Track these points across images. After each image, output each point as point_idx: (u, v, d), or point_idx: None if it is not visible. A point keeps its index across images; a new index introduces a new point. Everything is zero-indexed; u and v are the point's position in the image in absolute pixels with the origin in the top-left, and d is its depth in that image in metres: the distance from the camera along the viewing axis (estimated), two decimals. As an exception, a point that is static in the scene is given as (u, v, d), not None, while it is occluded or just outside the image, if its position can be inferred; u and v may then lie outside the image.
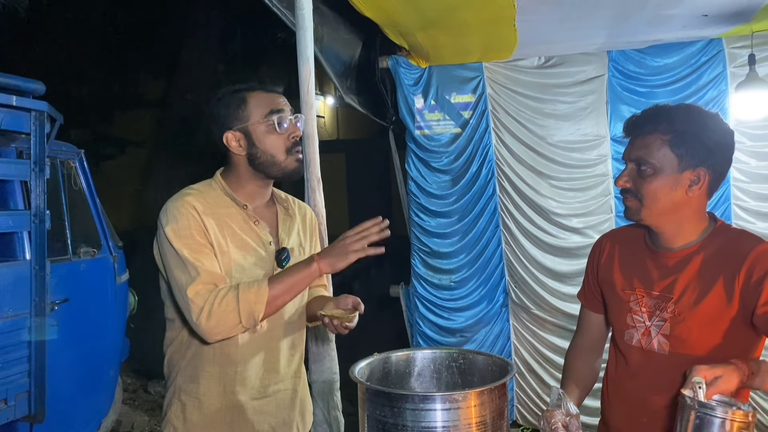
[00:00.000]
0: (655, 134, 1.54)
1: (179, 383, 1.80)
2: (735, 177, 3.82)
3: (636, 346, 1.62)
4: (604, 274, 1.73)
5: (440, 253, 4.20)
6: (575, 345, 1.84)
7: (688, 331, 1.54)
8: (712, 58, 3.80)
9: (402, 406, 1.37)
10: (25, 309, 3.13)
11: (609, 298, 1.72)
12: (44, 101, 3.22)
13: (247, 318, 1.63)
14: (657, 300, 1.58)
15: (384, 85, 4.22)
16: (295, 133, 1.79)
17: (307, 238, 1.96)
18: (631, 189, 1.57)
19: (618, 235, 1.79)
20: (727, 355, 1.48)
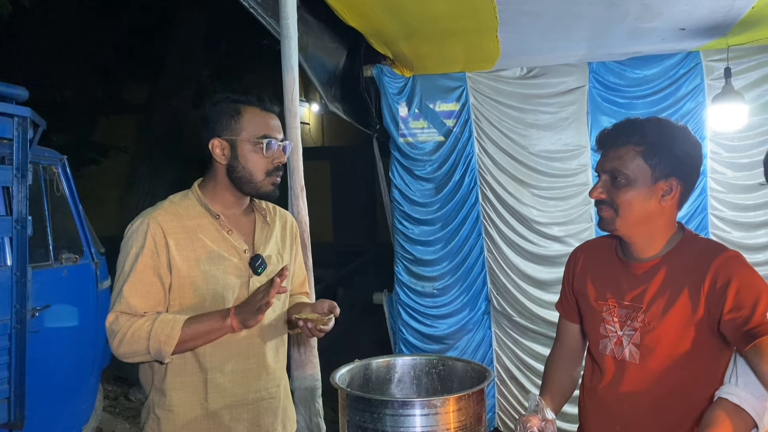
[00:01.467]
0: (628, 146, 1.57)
1: (152, 398, 1.82)
2: (712, 187, 3.89)
3: (609, 355, 1.64)
4: (578, 285, 1.76)
5: (423, 261, 4.23)
6: (554, 354, 1.87)
7: (657, 340, 1.56)
8: (690, 71, 3.88)
9: (382, 412, 1.40)
10: (6, 315, 3.11)
11: (584, 309, 1.75)
12: (27, 107, 3.21)
13: (155, 353, 1.69)
14: (628, 310, 1.61)
15: (368, 94, 4.25)
16: (280, 158, 1.81)
17: (286, 247, 1.97)
18: (606, 200, 1.60)
19: (591, 246, 1.82)
20: (697, 364, 1.54)
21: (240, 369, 1.81)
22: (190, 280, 1.76)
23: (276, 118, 1.85)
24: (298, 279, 2.08)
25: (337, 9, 3.09)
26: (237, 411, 1.81)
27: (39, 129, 3.38)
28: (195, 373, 1.77)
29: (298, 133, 2.62)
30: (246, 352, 1.82)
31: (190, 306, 1.76)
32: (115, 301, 1.74)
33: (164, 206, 1.82)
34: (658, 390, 1.58)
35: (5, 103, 3.08)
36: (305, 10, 3.09)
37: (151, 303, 1.74)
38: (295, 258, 2.02)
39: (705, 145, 3.87)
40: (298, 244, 2.05)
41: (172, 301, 1.77)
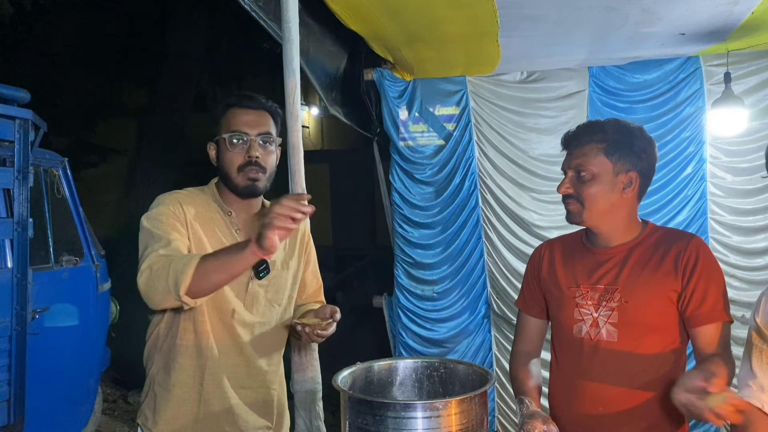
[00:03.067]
0: (591, 144, 1.74)
1: (153, 374, 1.87)
2: (711, 192, 3.90)
3: (585, 338, 1.75)
4: (547, 276, 1.87)
5: (423, 264, 4.23)
6: (520, 352, 1.94)
7: (634, 317, 1.69)
8: (689, 76, 3.89)
9: (384, 414, 1.40)
10: (6, 317, 3.11)
11: (554, 298, 1.84)
12: (28, 109, 3.22)
13: (173, 285, 1.59)
14: (602, 293, 1.73)
15: (369, 98, 4.26)
16: (250, 153, 1.81)
17: (294, 255, 1.98)
18: (573, 194, 1.75)
19: (555, 242, 1.96)
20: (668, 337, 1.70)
21: (234, 364, 1.85)
22: None
23: (253, 113, 1.84)
24: (311, 288, 2.08)
25: (339, 13, 3.10)
26: (228, 403, 1.85)
27: (40, 131, 3.39)
28: (197, 356, 1.82)
29: (300, 136, 2.61)
30: (241, 350, 1.86)
31: None
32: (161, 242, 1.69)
33: (182, 192, 1.87)
34: (634, 366, 1.70)
35: (7, 106, 3.09)
36: (307, 14, 3.10)
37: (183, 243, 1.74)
38: (306, 267, 2.03)
39: (704, 149, 3.89)
40: (310, 252, 2.06)
41: None
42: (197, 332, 1.81)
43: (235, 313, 1.84)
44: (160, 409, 1.83)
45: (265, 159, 1.84)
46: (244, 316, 1.85)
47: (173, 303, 1.64)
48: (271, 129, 1.87)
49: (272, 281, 1.89)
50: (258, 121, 1.84)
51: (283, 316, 1.94)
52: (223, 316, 1.83)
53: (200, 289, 1.61)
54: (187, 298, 1.61)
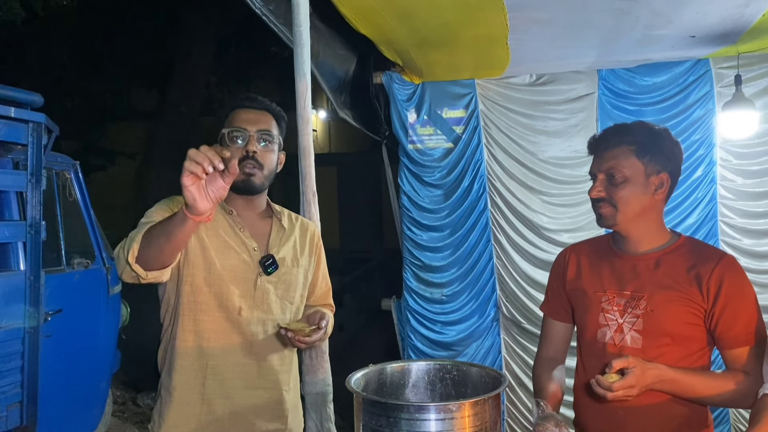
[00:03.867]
0: (622, 146, 1.72)
1: (162, 378, 1.88)
2: (722, 194, 3.89)
3: (609, 343, 1.73)
4: (573, 281, 1.85)
5: (432, 267, 4.24)
6: (544, 356, 1.93)
7: (659, 325, 1.68)
8: (699, 78, 3.88)
9: (398, 416, 1.40)
10: (19, 319, 3.14)
11: (580, 302, 1.82)
12: (42, 113, 3.25)
13: (127, 253, 1.59)
14: (629, 299, 1.72)
15: (378, 101, 4.27)
16: (248, 148, 1.82)
17: (305, 254, 1.99)
18: (605, 197, 1.72)
19: (581, 246, 1.93)
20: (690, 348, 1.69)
21: (240, 363, 1.84)
22: (200, 264, 1.80)
23: (254, 112, 1.87)
24: (320, 290, 2.08)
25: (349, 17, 3.11)
26: (233, 405, 1.83)
27: (53, 135, 3.42)
28: (197, 357, 1.81)
29: (310, 139, 2.63)
30: (249, 348, 1.85)
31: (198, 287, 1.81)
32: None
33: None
34: None
35: (21, 109, 3.12)
36: (317, 18, 3.12)
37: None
38: (316, 268, 2.04)
39: (715, 152, 3.88)
40: (320, 255, 2.06)
41: (187, 277, 1.80)
42: (197, 332, 1.81)
43: (242, 311, 1.83)
44: (164, 412, 1.83)
45: (264, 156, 1.85)
46: (253, 314, 1.84)
47: (130, 275, 1.63)
48: (271, 128, 1.88)
49: (282, 277, 1.89)
50: (258, 119, 1.86)
51: (296, 314, 1.94)
52: (229, 315, 1.82)
53: (147, 256, 1.58)
54: (137, 267, 1.59)
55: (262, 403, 1.87)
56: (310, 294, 2.05)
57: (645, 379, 1.55)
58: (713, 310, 1.65)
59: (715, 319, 1.66)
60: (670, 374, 1.60)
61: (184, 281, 1.81)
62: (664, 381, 1.60)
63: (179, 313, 1.82)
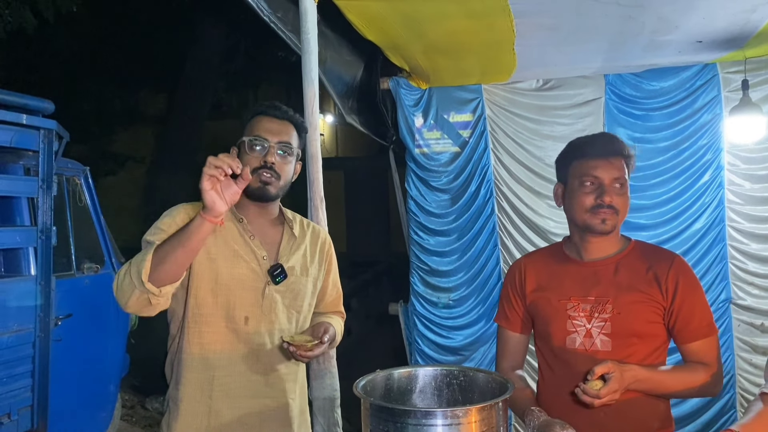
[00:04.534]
0: (622, 156, 1.80)
1: (169, 390, 1.88)
2: (729, 199, 3.87)
3: (579, 349, 1.79)
4: (534, 292, 1.89)
5: (439, 272, 4.24)
6: (505, 368, 1.98)
7: (627, 326, 1.75)
8: (706, 83, 3.87)
9: (405, 422, 1.41)
10: (30, 324, 3.17)
11: (543, 311, 1.86)
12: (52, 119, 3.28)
13: (137, 278, 1.59)
14: (593, 304, 1.78)
15: (385, 106, 4.29)
16: (267, 158, 1.82)
17: (314, 262, 1.98)
18: (613, 204, 1.77)
19: (534, 256, 2.01)
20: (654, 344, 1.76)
21: (247, 373, 1.84)
22: (206, 274, 1.80)
23: (277, 122, 1.87)
24: (330, 297, 2.09)
25: (356, 23, 3.13)
26: (240, 415, 1.83)
27: (63, 141, 3.45)
28: (203, 369, 1.82)
29: (318, 145, 2.65)
30: (256, 357, 1.84)
31: (203, 298, 1.81)
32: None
33: (195, 203, 1.88)
34: None
35: (32, 116, 3.15)
36: (324, 25, 3.14)
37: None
38: (327, 275, 2.04)
39: (722, 157, 3.87)
40: (330, 262, 2.06)
41: (191, 290, 1.81)
42: (203, 344, 1.81)
43: (249, 321, 1.83)
44: (172, 424, 1.83)
45: (281, 167, 1.85)
46: (260, 323, 1.84)
47: (140, 298, 1.63)
48: (292, 140, 1.87)
49: (290, 287, 1.89)
50: (280, 130, 1.86)
51: (303, 323, 1.94)
52: (235, 325, 1.82)
53: (161, 272, 1.61)
54: (150, 285, 1.60)
55: (269, 412, 1.87)
56: (320, 301, 2.04)
57: (624, 381, 1.61)
58: (672, 307, 1.75)
59: (674, 315, 1.76)
60: (644, 374, 1.67)
61: (190, 294, 1.81)
62: (639, 380, 1.66)
63: (185, 326, 1.82)
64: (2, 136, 3.01)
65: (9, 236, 3.22)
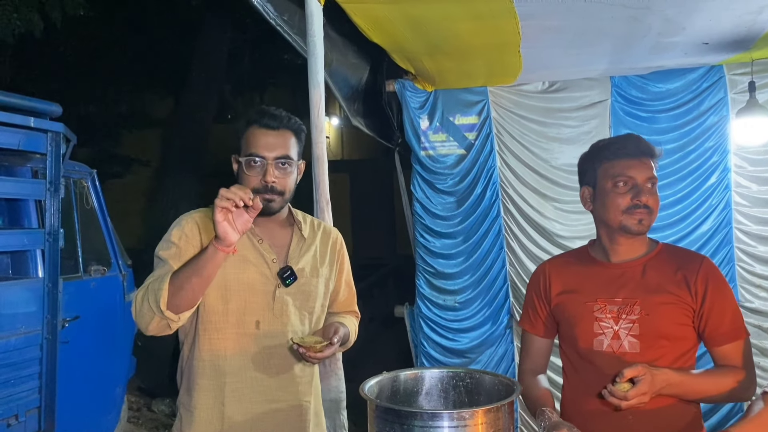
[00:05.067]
0: (650, 156, 1.80)
1: (179, 397, 1.88)
2: (736, 201, 3.86)
3: (607, 351, 1.77)
4: (560, 295, 1.88)
5: (445, 274, 4.24)
6: (527, 371, 1.98)
7: (656, 328, 1.73)
8: (713, 85, 3.87)
9: (411, 424, 1.42)
10: (38, 326, 3.18)
11: (570, 314, 1.85)
12: (60, 122, 3.30)
13: (155, 305, 1.63)
14: (621, 306, 1.77)
15: (390, 108, 4.29)
16: (266, 178, 1.78)
17: (325, 263, 1.96)
18: (649, 204, 1.76)
19: (558, 260, 2.00)
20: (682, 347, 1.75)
21: (259, 378, 1.83)
22: (216, 280, 1.77)
23: (273, 134, 1.80)
24: (343, 297, 2.06)
25: (362, 26, 3.14)
26: (254, 420, 1.82)
27: (70, 144, 3.47)
28: (214, 376, 1.81)
29: (324, 147, 2.66)
30: (267, 361, 1.83)
31: (212, 305, 1.80)
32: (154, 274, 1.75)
33: (204, 210, 1.89)
34: None
35: (40, 119, 3.17)
36: (330, 27, 3.15)
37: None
38: (339, 275, 2.02)
39: (729, 159, 3.85)
40: (343, 261, 2.04)
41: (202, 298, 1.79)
42: (214, 351, 1.80)
43: (260, 325, 1.82)
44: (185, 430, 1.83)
45: (282, 182, 1.81)
46: (272, 326, 1.83)
47: (160, 323, 1.68)
48: (290, 151, 1.82)
49: (300, 288, 1.87)
50: (276, 144, 1.79)
51: (316, 325, 1.92)
52: (246, 330, 1.81)
53: (179, 299, 1.65)
54: (169, 312, 1.64)
55: (283, 416, 1.85)
56: (333, 301, 2.02)
57: (655, 385, 1.58)
58: (702, 309, 1.73)
59: (704, 318, 1.73)
60: (677, 378, 1.65)
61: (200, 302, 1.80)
62: (671, 385, 1.64)
63: (196, 333, 1.82)
64: (10, 139, 3.02)
65: (17, 238, 3.24)
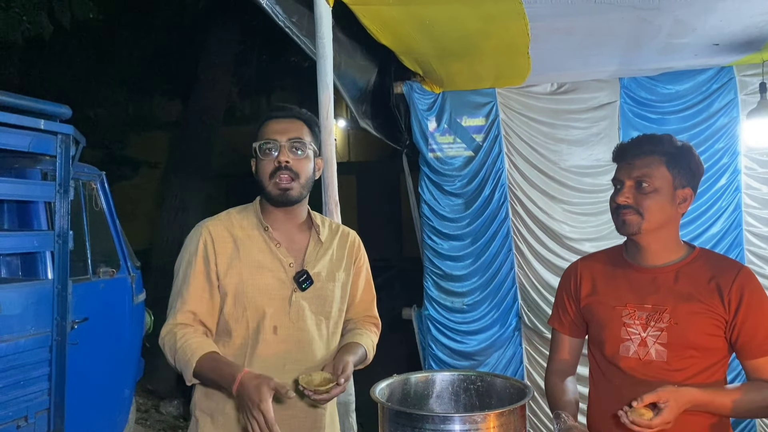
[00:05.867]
0: (654, 155, 1.72)
1: (195, 399, 1.88)
2: (746, 203, 3.84)
3: (633, 357, 1.73)
4: (589, 296, 1.84)
5: (453, 276, 4.23)
6: (555, 369, 1.93)
7: (685, 337, 1.68)
8: (723, 86, 3.85)
9: (423, 427, 1.41)
10: (47, 328, 3.19)
11: (598, 317, 1.81)
12: (69, 125, 3.31)
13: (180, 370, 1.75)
14: (650, 312, 1.72)
15: (398, 110, 4.29)
16: (280, 158, 1.80)
17: (342, 267, 1.94)
18: (631, 205, 1.72)
19: (592, 259, 1.92)
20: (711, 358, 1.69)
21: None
22: (232, 288, 1.80)
23: (285, 122, 1.84)
24: (360, 301, 2.03)
25: (370, 28, 3.14)
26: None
27: (80, 146, 3.48)
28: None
29: (333, 149, 2.66)
30: (282, 366, 1.81)
31: (230, 313, 1.81)
32: (170, 312, 1.81)
33: (220, 216, 1.89)
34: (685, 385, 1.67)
35: (50, 121, 3.18)
36: (339, 29, 3.15)
37: (205, 308, 1.80)
38: (356, 278, 1.99)
39: (739, 160, 3.84)
40: (361, 264, 2.02)
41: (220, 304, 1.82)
42: (232, 356, 1.79)
43: (278, 330, 1.81)
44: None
45: (297, 165, 1.81)
46: (289, 331, 1.82)
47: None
48: (303, 135, 1.83)
49: (317, 293, 1.86)
50: (288, 128, 1.83)
51: (335, 329, 1.91)
52: (264, 335, 1.80)
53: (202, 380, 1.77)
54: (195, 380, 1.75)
55: (299, 422, 1.85)
56: (350, 305, 1.99)
57: (679, 409, 1.54)
58: (735, 320, 1.66)
59: (736, 329, 1.67)
60: (703, 398, 1.59)
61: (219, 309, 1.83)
62: (697, 405, 1.59)
63: (216, 339, 1.82)
64: (20, 141, 3.03)
65: (27, 240, 3.25)
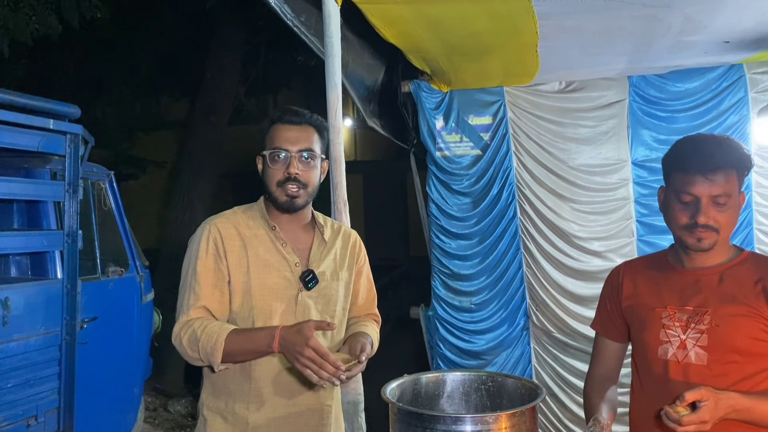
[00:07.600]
0: (728, 168, 1.62)
1: (203, 398, 1.89)
2: (757, 202, 3.82)
3: (672, 360, 1.68)
4: (630, 298, 1.80)
5: (461, 275, 4.22)
6: (595, 375, 1.89)
7: (725, 340, 1.62)
8: (733, 84, 3.82)
9: (434, 427, 1.41)
10: (57, 327, 3.20)
11: (638, 319, 1.77)
12: (79, 124, 3.32)
13: (207, 362, 1.74)
14: (691, 314, 1.67)
15: (406, 109, 4.28)
16: (288, 169, 1.81)
17: (345, 266, 1.97)
18: (711, 225, 1.63)
19: (635, 263, 1.90)
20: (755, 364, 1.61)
21: (285, 382, 1.83)
22: (240, 286, 1.81)
23: (296, 129, 1.85)
24: (362, 299, 2.06)
25: (378, 27, 3.13)
26: (277, 423, 1.83)
27: (88, 145, 3.49)
28: (242, 380, 1.82)
29: (341, 149, 2.66)
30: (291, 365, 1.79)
31: (237, 312, 1.82)
32: (181, 309, 1.80)
33: (226, 214, 1.90)
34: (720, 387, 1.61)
35: (59, 121, 3.19)
36: (346, 28, 3.15)
37: (216, 304, 1.81)
38: (358, 277, 2.02)
39: (750, 159, 3.81)
40: (362, 264, 2.05)
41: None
42: None
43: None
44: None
45: (306, 175, 1.84)
46: None
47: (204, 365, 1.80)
48: (313, 144, 1.85)
49: (321, 292, 1.88)
50: (299, 137, 1.84)
51: (339, 328, 1.92)
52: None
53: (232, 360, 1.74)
54: (222, 366, 1.74)
55: (305, 420, 1.86)
56: (353, 304, 2.02)
57: (718, 412, 1.48)
58: None
59: None
60: (745, 403, 1.52)
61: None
62: (738, 411, 1.52)
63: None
64: (29, 141, 3.05)
65: (36, 240, 3.26)
